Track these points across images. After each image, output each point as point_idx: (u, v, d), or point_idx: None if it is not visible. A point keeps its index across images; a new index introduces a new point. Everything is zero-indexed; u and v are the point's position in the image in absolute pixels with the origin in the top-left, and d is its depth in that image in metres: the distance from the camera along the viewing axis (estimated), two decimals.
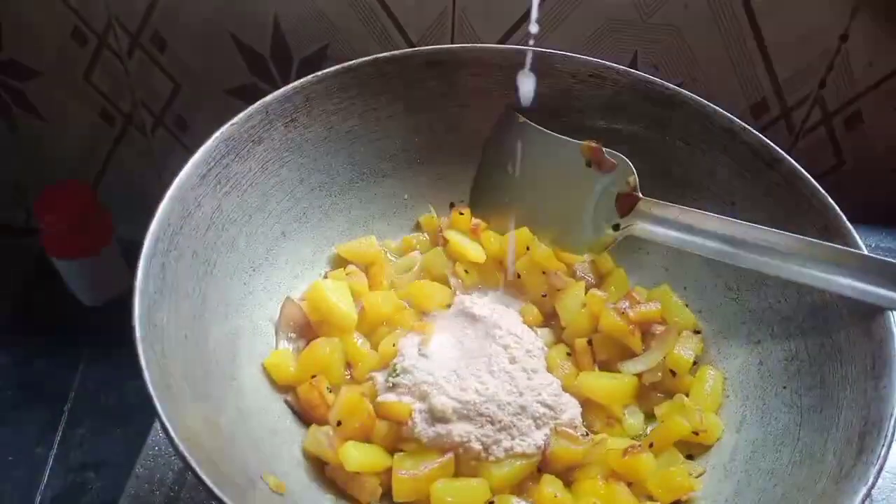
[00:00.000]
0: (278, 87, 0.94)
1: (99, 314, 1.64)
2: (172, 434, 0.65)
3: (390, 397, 0.89)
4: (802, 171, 0.92)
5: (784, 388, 0.88)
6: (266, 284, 0.95)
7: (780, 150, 0.93)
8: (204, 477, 0.63)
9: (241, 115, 0.91)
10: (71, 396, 1.59)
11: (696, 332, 0.98)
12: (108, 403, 1.55)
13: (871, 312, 0.82)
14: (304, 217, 1.00)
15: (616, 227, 0.99)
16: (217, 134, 0.89)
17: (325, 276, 1.00)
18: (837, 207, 0.89)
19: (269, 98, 0.93)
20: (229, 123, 0.90)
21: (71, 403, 1.59)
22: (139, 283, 0.76)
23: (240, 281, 0.91)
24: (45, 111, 1.57)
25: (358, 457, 0.83)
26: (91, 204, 1.57)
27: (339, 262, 1.02)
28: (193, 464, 0.64)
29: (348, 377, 0.94)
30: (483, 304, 0.99)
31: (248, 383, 0.87)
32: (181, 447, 0.65)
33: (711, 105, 0.97)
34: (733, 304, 0.98)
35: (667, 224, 0.95)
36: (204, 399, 0.77)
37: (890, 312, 0.80)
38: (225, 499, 0.63)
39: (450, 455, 0.85)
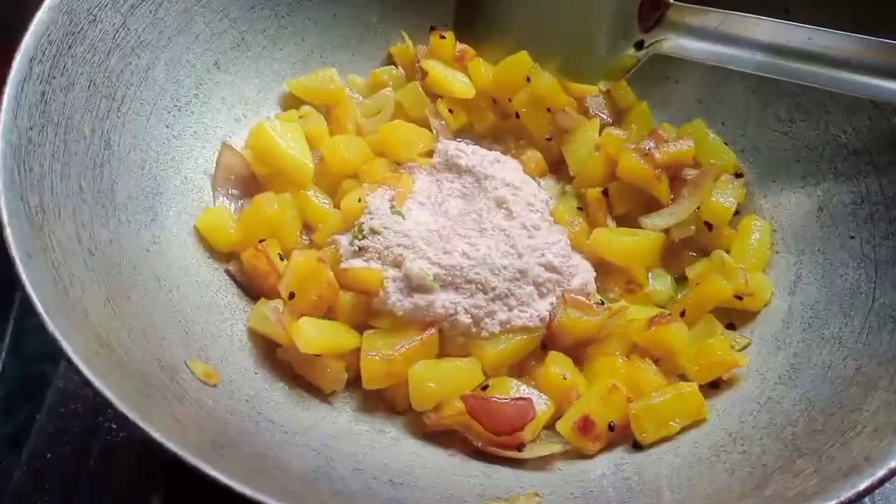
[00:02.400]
0: None
1: None
2: (37, 303, 0.47)
3: (356, 263, 0.71)
4: None
5: (852, 237, 0.71)
6: (196, 128, 0.75)
7: None
8: (79, 363, 0.46)
9: None
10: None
11: (738, 175, 0.79)
12: None
13: None
14: (244, 44, 0.80)
15: (639, 46, 0.79)
16: None
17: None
18: None
19: None
20: None
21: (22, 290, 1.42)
22: (4, 114, 0.56)
23: (160, 122, 0.72)
24: None
25: (315, 336, 0.66)
26: None
27: (292, 102, 0.83)
28: (67, 347, 0.47)
29: (306, 243, 0.76)
30: (473, 151, 0.79)
31: (175, 250, 0.69)
32: (50, 323, 0.47)
33: None
34: (785, 140, 0.79)
35: (704, 35, 0.75)
36: (106, 267, 0.59)
37: None
38: (110, 396, 0.46)
39: (432, 331, 0.68)
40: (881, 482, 0.46)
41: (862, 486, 0.45)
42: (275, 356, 0.68)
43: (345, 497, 0.52)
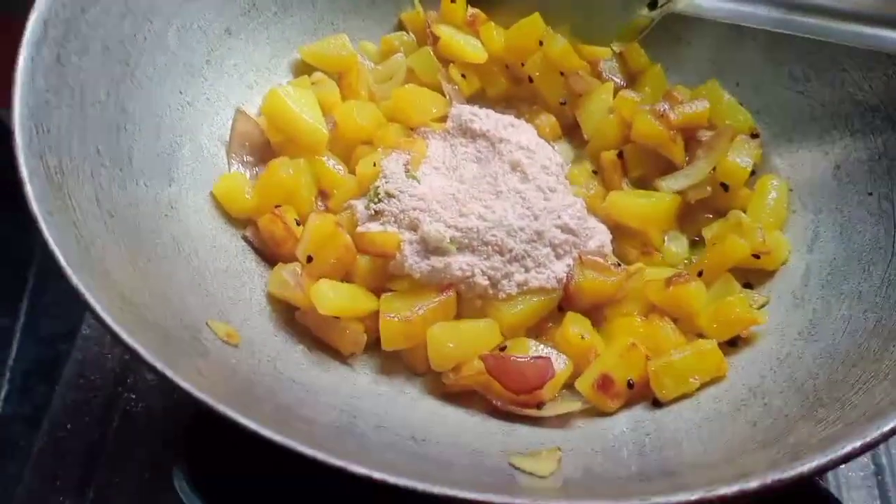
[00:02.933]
0: None
1: None
2: (61, 259, 0.47)
3: (373, 227, 0.71)
4: None
5: (870, 194, 0.70)
6: (210, 94, 0.75)
7: None
8: (105, 316, 0.46)
9: None
10: (35, 262, 1.43)
11: (754, 135, 0.78)
12: None
13: None
14: (255, 9, 0.79)
15: (652, 5, 0.78)
16: None
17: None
18: None
19: None
20: None
21: (36, 269, 1.43)
22: (20, 74, 0.56)
23: (173, 88, 0.72)
24: None
25: (334, 298, 0.66)
26: None
27: (304, 70, 0.82)
28: (92, 301, 0.47)
29: (322, 209, 0.76)
30: (487, 115, 0.79)
31: (192, 216, 0.69)
32: (75, 279, 0.47)
33: None
34: (801, 99, 0.78)
35: None
36: (125, 229, 0.60)
37: None
38: (137, 347, 0.46)
39: (450, 293, 0.68)
40: None
41: (887, 427, 0.45)
42: (294, 320, 0.68)
43: (370, 451, 0.52)
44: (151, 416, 0.80)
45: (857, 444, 0.44)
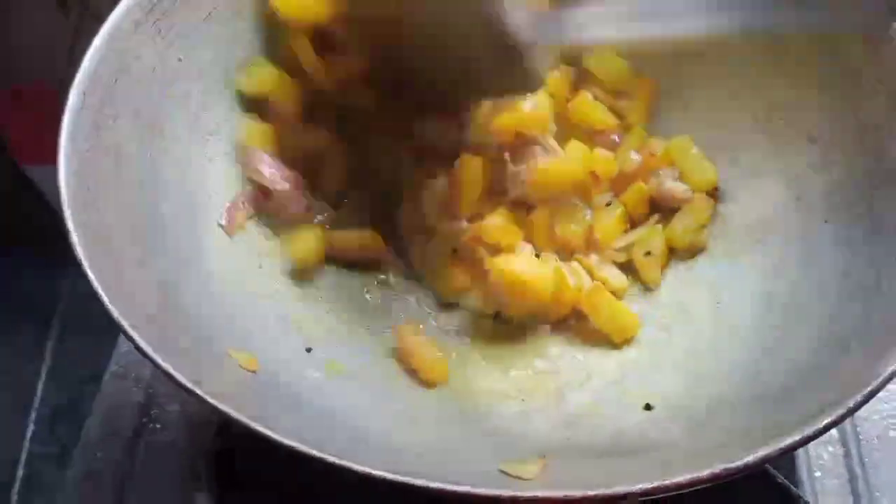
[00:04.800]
0: None
1: None
2: (104, 296, 0.55)
3: None
4: None
5: (826, 222, 0.77)
6: (228, 149, 0.83)
7: None
8: (137, 339, 0.53)
9: None
10: (59, 309, 1.51)
11: (713, 193, 0.86)
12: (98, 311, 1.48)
13: None
14: None
15: None
16: None
17: None
18: None
19: None
20: None
21: (60, 316, 1.51)
22: (63, 139, 0.65)
23: (196, 146, 0.80)
24: None
25: None
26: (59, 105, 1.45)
27: None
28: (131, 331, 0.54)
29: None
30: None
31: (215, 253, 0.77)
32: (115, 312, 0.55)
33: None
34: (762, 137, 0.85)
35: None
36: (155, 270, 0.67)
37: None
38: (164, 364, 0.53)
39: None
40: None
41: (828, 420, 0.52)
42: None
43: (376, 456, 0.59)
44: (175, 446, 0.87)
45: (798, 437, 0.51)
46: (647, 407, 0.71)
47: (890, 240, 0.69)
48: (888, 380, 0.58)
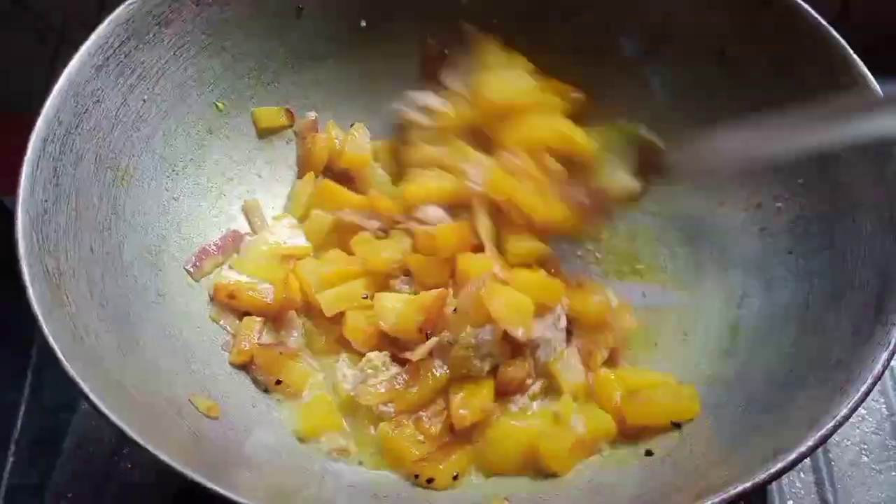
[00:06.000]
0: None
1: None
2: (58, 352, 0.55)
3: None
4: (802, 4, 0.78)
5: (790, 253, 0.77)
6: (193, 189, 0.83)
7: None
8: (96, 400, 0.53)
9: None
10: (38, 338, 1.50)
11: None
12: None
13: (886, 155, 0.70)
14: (234, 111, 0.87)
15: None
16: (111, 17, 0.76)
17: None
18: (843, 42, 0.76)
19: None
20: (126, 4, 0.77)
21: (39, 344, 1.50)
22: (22, 190, 0.65)
23: (160, 187, 0.80)
24: None
25: None
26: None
27: None
28: (85, 389, 0.54)
29: None
30: None
31: (178, 300, 0.76)
32: (70, 369, 0.55)
33: None
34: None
35: None
36: (116, 318, 0.67)
37: None
38: (124, 427, 0.53)
39: None
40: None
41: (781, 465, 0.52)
42: (270, 390, 0.75)
43: None
44: (145, 483, 0.87)
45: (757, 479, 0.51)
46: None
47: (847, 274, 0.70)
48: (847, 418, 0.58)
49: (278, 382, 0.74)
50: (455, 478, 0.69)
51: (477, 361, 0.72)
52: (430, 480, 0.68)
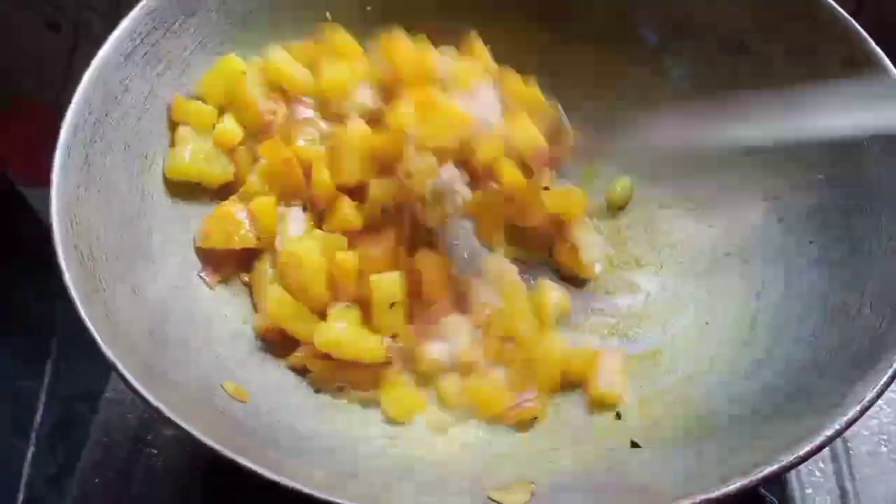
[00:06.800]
0: None
1: None
2: (95, 334, 0.56)
3: None
4: None
5: (811, 242, 0.78)
6: None
7: None
8: (133, 382, 0.54)
9: None
10: (58, 327, 1.53)
11: None
12: None
13: None
14: None
15: None
16: (141, 4, 0.77)
17: None
18: (863, 31, 0.77)
19: None
20: None
21: (58, 335, 1.52)
22: (55, 175, 0.66)
23: None
24: None
25: None
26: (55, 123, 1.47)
27: None
28: (124, 372, 0.55)
29: None
30: None
31: (203, 288, 0.77)
32: (109, 354, 0.56)
33: None
34: (746, 161, 0.86)
35: None
36: (146, 304, 0.68)
37: None
38: (161, 406, 0.54)
39: None
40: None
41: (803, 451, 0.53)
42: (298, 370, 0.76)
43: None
44: (170, 469, 0.88)
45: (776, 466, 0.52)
46: (634, 444, 0.71)
47: (868, 262, 0.70)
48: (866, 408, 0.59)
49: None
50: None
51: None
52: None
